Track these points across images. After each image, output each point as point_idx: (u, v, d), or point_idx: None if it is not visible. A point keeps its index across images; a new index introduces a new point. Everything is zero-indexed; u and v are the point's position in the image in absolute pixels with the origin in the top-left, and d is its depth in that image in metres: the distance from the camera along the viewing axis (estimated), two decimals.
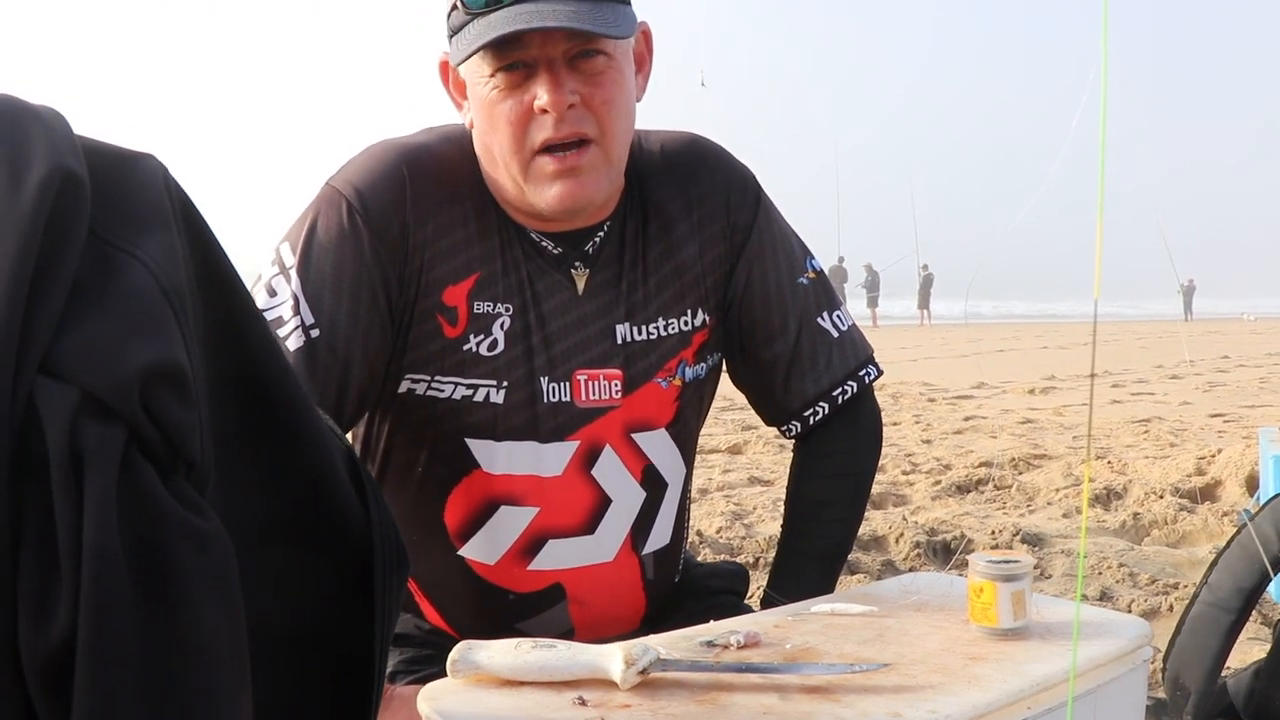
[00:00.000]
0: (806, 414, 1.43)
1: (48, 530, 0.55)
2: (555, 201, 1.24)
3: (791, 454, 1.50)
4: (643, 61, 1.33)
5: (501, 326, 1.28)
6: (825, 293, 1.45)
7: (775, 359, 1.42)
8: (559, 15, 1.15)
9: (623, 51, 1.26)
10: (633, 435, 1.35)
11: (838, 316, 1.45)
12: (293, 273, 1.23)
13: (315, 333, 1.21)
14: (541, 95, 1.18)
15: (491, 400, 1.28)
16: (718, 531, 3.57)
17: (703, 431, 1.44)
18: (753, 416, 1.51)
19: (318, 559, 0.73)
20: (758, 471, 4.79)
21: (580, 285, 1.32)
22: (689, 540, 1.53)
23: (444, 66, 1.29)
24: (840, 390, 1.43)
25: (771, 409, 1.46)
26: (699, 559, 1.65)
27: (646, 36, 1.32)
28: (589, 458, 1.32)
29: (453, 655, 0.98)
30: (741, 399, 1.53)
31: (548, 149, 1.22)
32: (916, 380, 10.27)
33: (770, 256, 1.41)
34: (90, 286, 0.59)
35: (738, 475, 4.66)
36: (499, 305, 1.28)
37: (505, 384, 1.28)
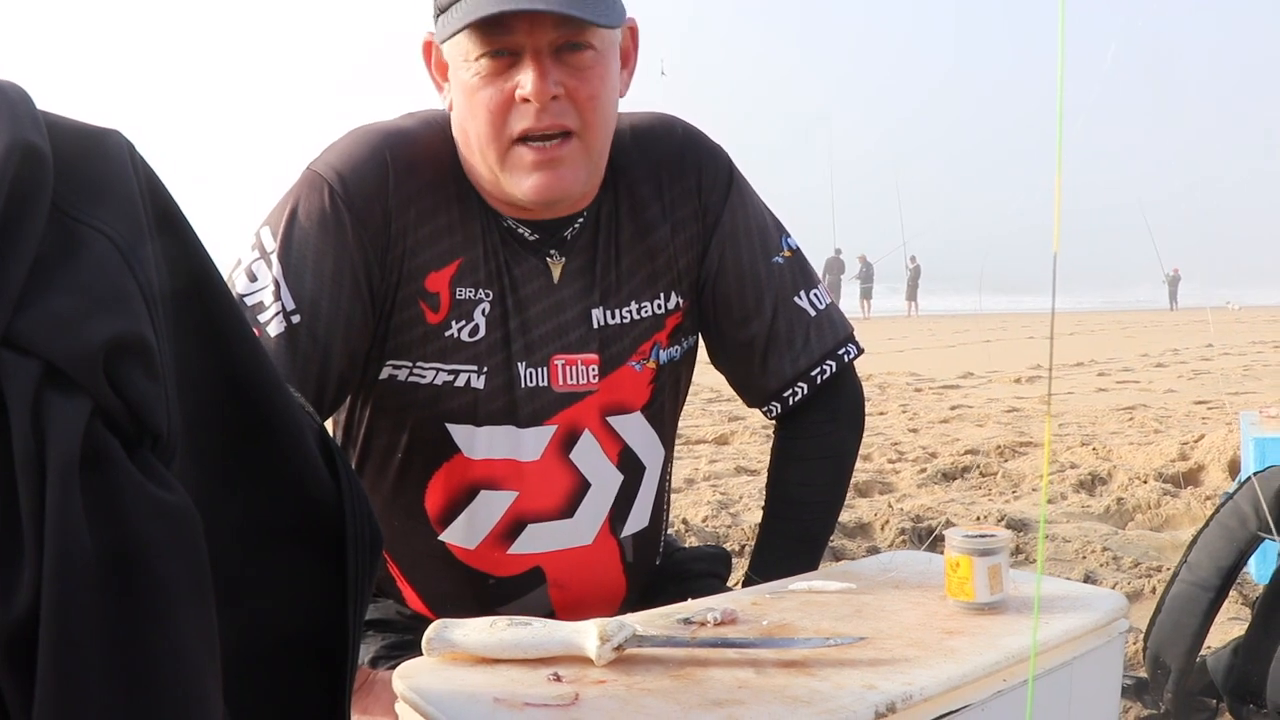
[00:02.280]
0: (786, 394, 1.42)
1: (10, 504, 0.55)
2: (532, 192, 1.23)
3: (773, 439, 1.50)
4: (628, 57, 1.32)
5: (483, 312, 1.27)
6: (802, 271, 1.44)
7: (752, 340, 1.40)
8: (548, 0, 1.14)
9: (610, 46, 1.25)
10: (609, 419, 1.35)
11: (815, 295, 1.43)
12: (274, 258, 1.22)
13: (296, 319, 1.20)
14: (525, 84, 1.17)
15: (472, 385, 1.28)
16: (704, 520, 3.57)
17: (689, 421, 1.46)
18: (739, 407, 1.52)
19: (302, 551, 0.73)
20: (744, 461, 4.80)
21: (556, 273, 1.31)
22: (671, 526, 1.53)
23: (428, 47, 1.27)
24: (819, 370, 1.41)
25: (751, 390, 1.45)
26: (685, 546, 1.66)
27: (633, 33, 1.31)
28: (567, 442, 1.32)
29: (428, 634, 0.98)
30: (728, 389, 1.52)
31: (526, 139, 1.21)
32: (904, 370, 10.29)
33: (744, 236, 1.40)
34: (53, 260, 0.59)
35: (724, 465, 4.66)
36: (480, 291, 1.27)
37: (486, 369, 1.28)
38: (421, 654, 0.99)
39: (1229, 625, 2.36)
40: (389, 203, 1.23)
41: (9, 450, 0.55)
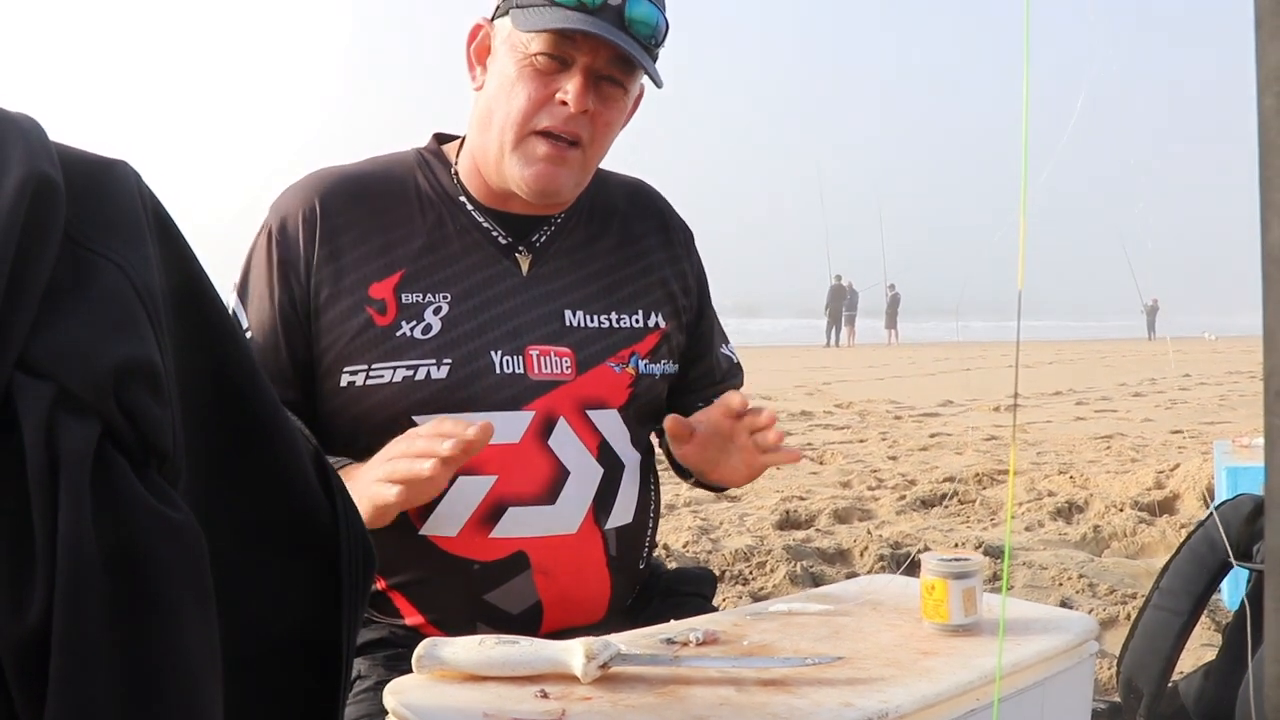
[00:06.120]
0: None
1: (23, 521, 0.57)
2: (532, 179, 1.39)
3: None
4: (630, 115, 1.51)
5: (436, 312, 1.39)
6: (721, 329, 1.72)
7: (699, 376, 1.63)
8: (628, 42, 1.35)
9: (632, 95, 1.46)
10: (587, 412, 1.43)
11: (728, 350, 1.72)
12: (235, 291, 1.43)
13: (249, 334, 1.39)
14: (570, 91, 1.35)
15: (433, 377, 1.37)
16: (684, 545, 3.59)
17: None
18: None
19: (296, 563, 0.75)
20: None
21: (525, 269, 1.44)
22: (655, 535, 1.57)
23: (477, 29, 1.45)
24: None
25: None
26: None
27: (638, 100, 1.50)
28: (545, 428, 1.39)
29: (418, 651, 1.00)
30: None
31: (546, 133, 1.38)
32: (884, 398, 10.35)
33: (708, 290, 1.65)
34: (66, 288, 0.61)
35: (705, 491, 4.68)
36: (429, 295, 1.40)
37: (448, 361, 1.37)
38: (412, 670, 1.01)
39: (1201, 650, 2.40)
40: (316, 235, 1.41)
41: (23, 468, 0.57)
